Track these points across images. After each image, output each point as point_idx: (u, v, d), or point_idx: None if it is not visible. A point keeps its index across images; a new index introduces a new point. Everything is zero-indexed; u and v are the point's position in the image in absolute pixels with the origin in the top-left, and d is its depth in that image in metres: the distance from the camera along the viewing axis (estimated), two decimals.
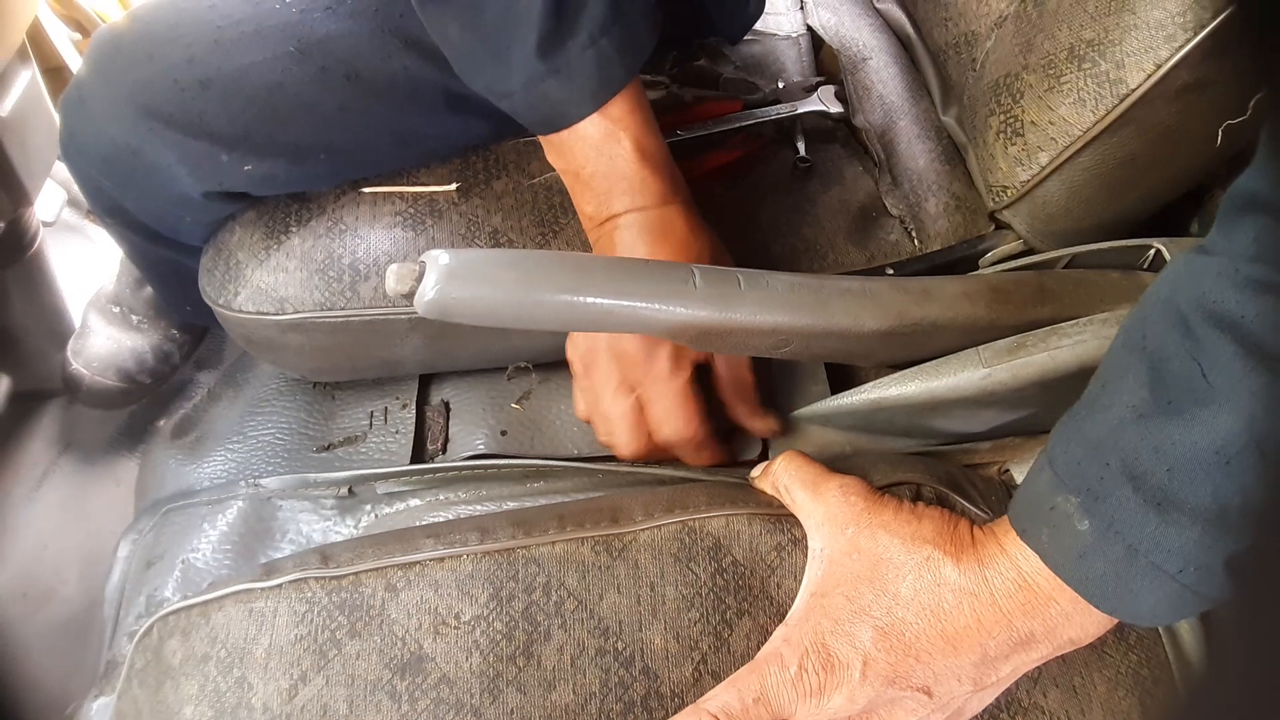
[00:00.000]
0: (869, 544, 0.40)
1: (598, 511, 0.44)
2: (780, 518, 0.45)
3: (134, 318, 0.77)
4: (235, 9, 0.50)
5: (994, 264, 0.55)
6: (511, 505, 0.48)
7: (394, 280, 0.40)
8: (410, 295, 0.40)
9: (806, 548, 0.45)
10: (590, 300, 0.41)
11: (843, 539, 0.41)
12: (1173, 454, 0.33)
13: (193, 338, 0.80)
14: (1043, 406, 0.49)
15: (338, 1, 0.51)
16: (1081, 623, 0.38)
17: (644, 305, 0.41)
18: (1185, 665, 0.48)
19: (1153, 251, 0.50)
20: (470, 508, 0.49)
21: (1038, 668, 0.45)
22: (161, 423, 0.72)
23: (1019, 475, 0.50)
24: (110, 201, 0.56)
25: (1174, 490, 0.33)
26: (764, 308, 0.43)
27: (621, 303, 0.41)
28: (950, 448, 0.51)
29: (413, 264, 0.40)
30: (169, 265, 0.60)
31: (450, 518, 0.49)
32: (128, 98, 0.49)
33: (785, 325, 0.44)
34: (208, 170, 0.51)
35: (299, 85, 0.50)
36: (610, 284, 0.41)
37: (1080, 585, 0.36)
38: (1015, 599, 0.37)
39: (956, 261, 0.57)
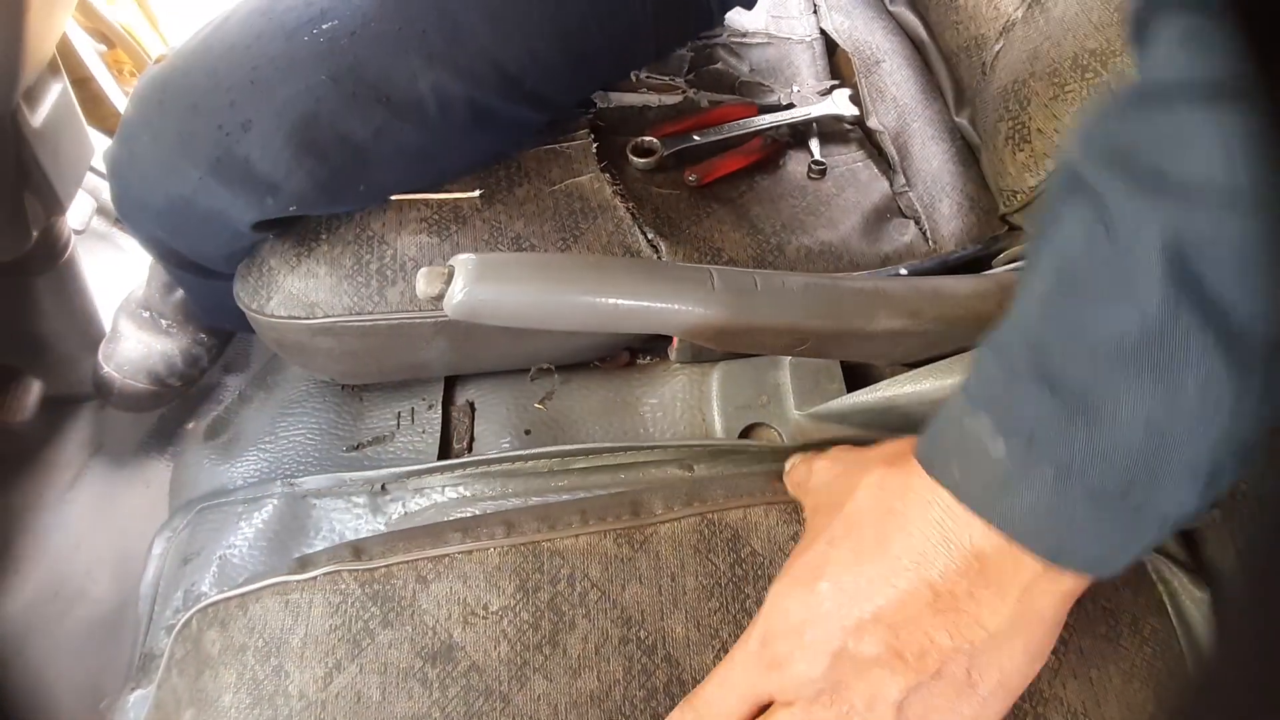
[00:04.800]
0: (827, 500, 0.37)
1: (619, 506, 0.45)
2: (796, 507, 0.46)
3: (163, 322, 0.79)
4: (269, 45, 0.52)
5: (1006, 265, 0.56)
6: (536, 501, 0.50)
7: (424, 283, 0.42)
8: (440, 298, 0.41)
9: None
10: (612, 301, 0.42)
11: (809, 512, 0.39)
12: (1087, 341, 0.26)
13: (220, 341, 0.82)
14: None
15: (362, 25, 0.52)
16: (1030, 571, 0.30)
17: (664, 305, 0.43)
18: (1200, 658, 0.48)
19: None
20: (496, 504, 0.50)
21: (1057, 659, 0.46)
22: (192, 425, 0.74)
23: None
24: (165, 247, 0.58)
25: (1099, 388, 0.26)
26: (779, 308, 0.44)
27: (643, 303, 0.43)
28: None
29: (441, 268, 0.42)
30: (207, 284, 0.63)
31: (477, 513, 0.50)
32: (177, 151, 0.51)
33: (800, 325, 0.45)
34: (255, 207, 0.52)
35: (333, 114, 0.51)
36: (631, 284, 0.43)
37: (1006, 523, 0.29)
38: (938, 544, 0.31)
39: (970, 262, 0.57)
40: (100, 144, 0.86)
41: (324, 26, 0.53)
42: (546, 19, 0.55)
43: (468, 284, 0.42)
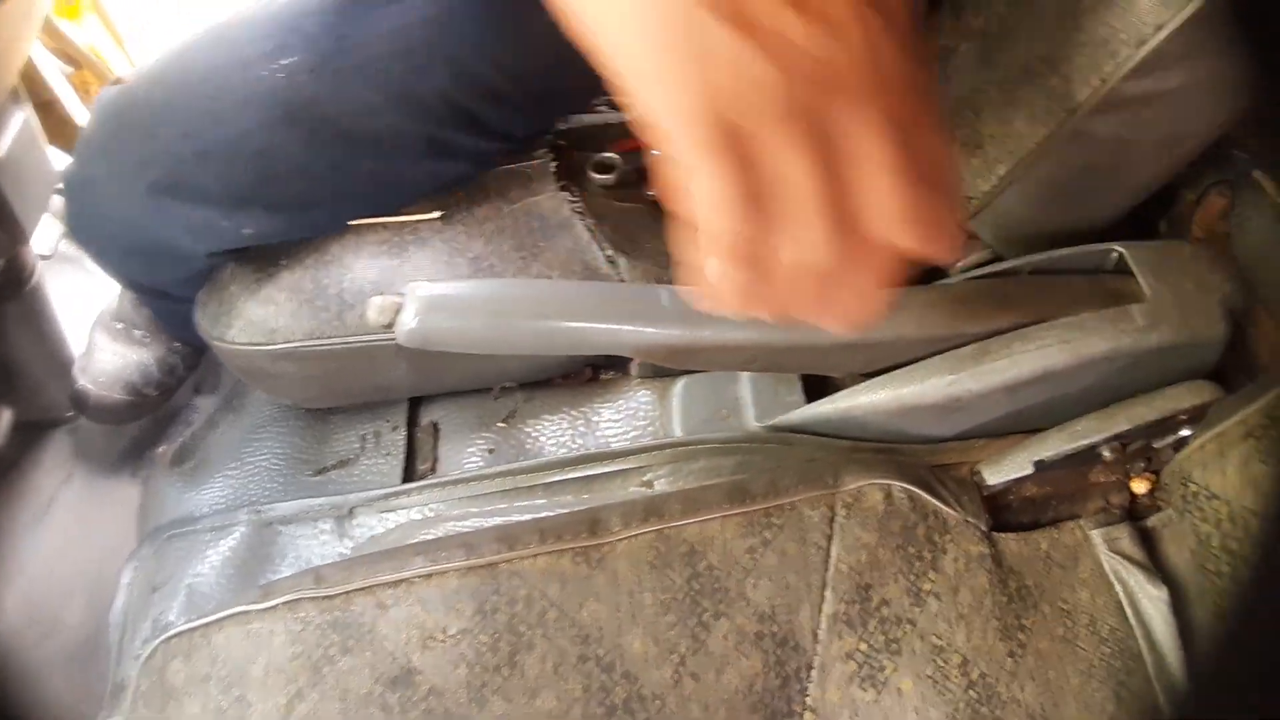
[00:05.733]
0: None
1: (577, 524, 0.46)
2: (753, 520, 0.47)
3: (137, 333, 0.79)
4: (226, 79, 0.52)
5: (963, 272, 0.57)
6: (497, 521, 0.50)
7: (375, 313, 0.42)
8: (391, 326, 0.42)
9: (778, 547, 0.46)
10: (564, 325, 0.43)
11: None
12: None
13: (194, 350, 0.82)
14: (1010, 410, 0.51)
15: (321, 62, 0.52)
16: None
17: (616, 327, 0.43)
18: (1159, 657, 0.49)
19: (1115, 255, 0.51)
20: (459, 524, 0.51)
21: (1015, 661, 0.47)
22: (161, 450, 0.74)
23: (989, 475, 0.52)
24: (118, 268, 0.58)
25: None
26: (732, 325, 0.45)
27: (594, 325, 0.43)
28: (921, 448, 0.53)
29: (394, 297, 0.42)
30: (168, 305, 0.63)
31: (440, 534, 0.50)
32: (132, 176, 0.51)
33: (753, 341, 0.46)
34: (210, 235, 0.53)
35: (290, 148, 0.52)
36: (583, 308, 0.43)
37: None
38: None
39: (927, 271, 0.58)
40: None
41: (283, 61, 0.53)
42: (509, 61, 0.55)
43: (420, 313, 0.42)
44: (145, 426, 0.83)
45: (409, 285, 0.43)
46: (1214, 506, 0.46)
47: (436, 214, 0.57)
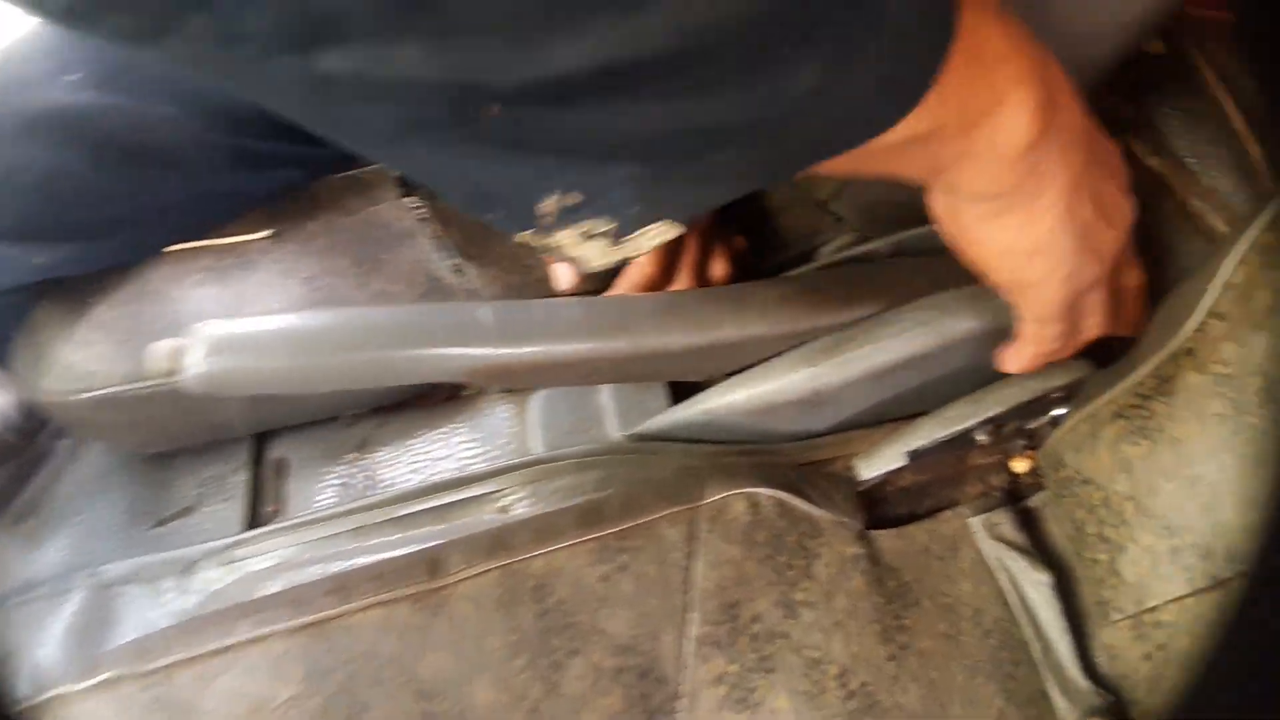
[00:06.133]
0: None
1: (415, 567, 0.42)
2: (607, 545, 0.44)
3: None
4: (5, 102, 0.47)
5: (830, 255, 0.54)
6: (337, 567, 0.46)
7: (155, 360, 0.38)
8: (173, 374, 0.38)
9: (635, 571, 0.44)
10: (374, 356, 0.39)
11: None
12: None
13: None
14: (881, 399, 0.48)
15: (108, 77, 0.48)
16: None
17: (434, 353, 0.40)
18: (1045, 644, 0.47)
19: None
20: (304, 570, 0.47)
21: (896, 665, 0.45)
22: (3, 508, 0.69)
23: (863, 470, 0.49)
24: None
25: None
26: (565, 338, 0.42)
27: (409, 353, 0.40)
28: (793, 445, 0.50)
29: (174, 341, 0.38)
30: None
31: (282, 585, 0.47)
32: None
33: (591, 354, 0.42)
34: (4, 274, 0.48)
35: (77, 169, 0.47)
36: (395, 335, 0.40)
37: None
38: None
39: (797, 257, 0.55)
40: None
41: (66, 79, 0.48)
42: None
43: (209, 356, 0.38)
44: (14, 463, 0.78)
45: (195, 325, 0.39)
46: (1087, 491, 0.44)
47: (265, 233, 0.52)
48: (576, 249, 0.27)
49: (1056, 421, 0.48)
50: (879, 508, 0.51)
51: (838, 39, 0.23)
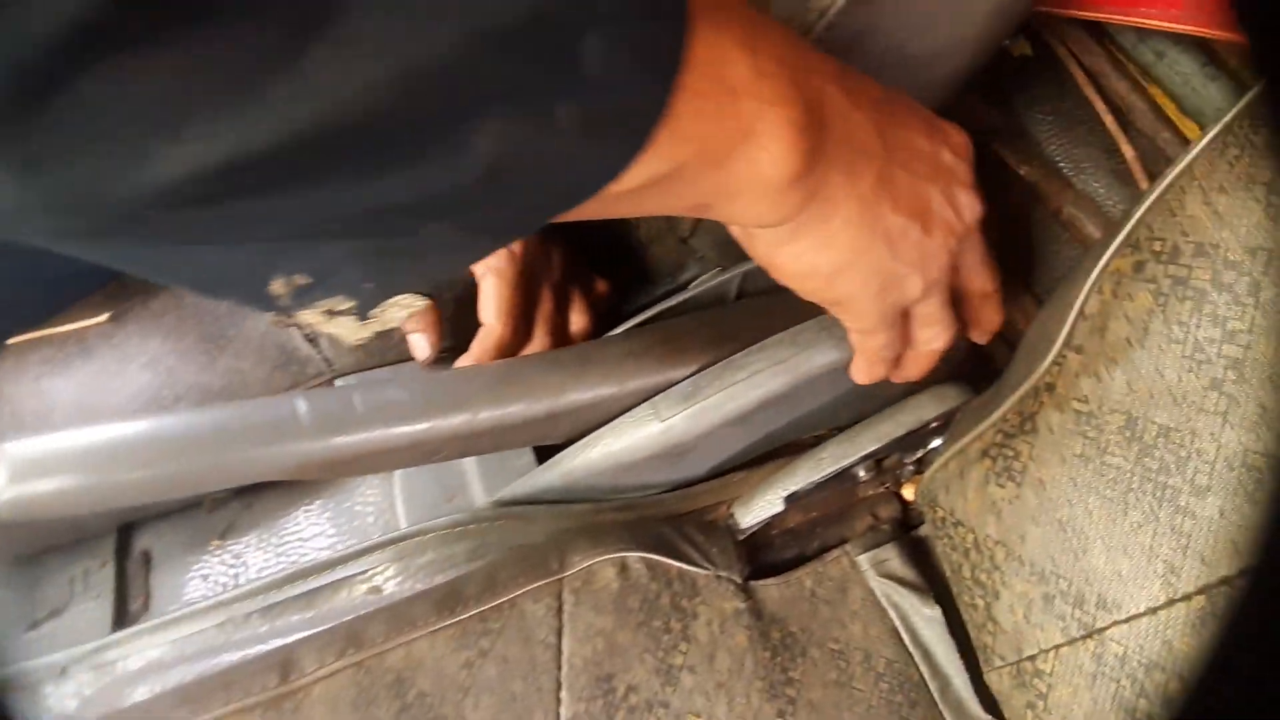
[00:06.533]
0: None
1: (267, 670, 0.41)
2: (467, 629, 0.42)
3: None
4: None
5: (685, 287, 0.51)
6: (204, 665, 0.45)
7: None
8: None
9: (499, 654, 0.42)
10: (187, 465, 0.37)
11: None
12: None
13: None
14: (750, 440, 0.46)
15: None
16: None
17: (247, 455, 0.38)
18: (943, 681, 0.46)
19: None
20: (169, 673, 0.45)
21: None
22: None
23: (742, 518, 0.47)
24: None
25: None
26: (393, 422, 0.39)
27: (220, 459, 0.37)
28: (669, 496, 0.48)
29: None
30: None
31: (146, 692, 0.45)
32: None
33: (426, 435, 0.40)
34: None
35: None
36: (206, 441, 0.37)
37: None
38: None
39: (662, 294, 0.52)
40: None
41: None
42: None
43: (13, 481, 0.36)
44: None
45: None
46: (960, 534, 0.42)
47: (103, 316, 0.50)
48: (327, 326, 0.25)
49: (933, 455, 0.46)
50: (764, 553, 0.49)
51: (515, 104, 0.20)
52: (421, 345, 0.48)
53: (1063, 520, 0.37)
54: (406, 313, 0.26)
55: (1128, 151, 0.40)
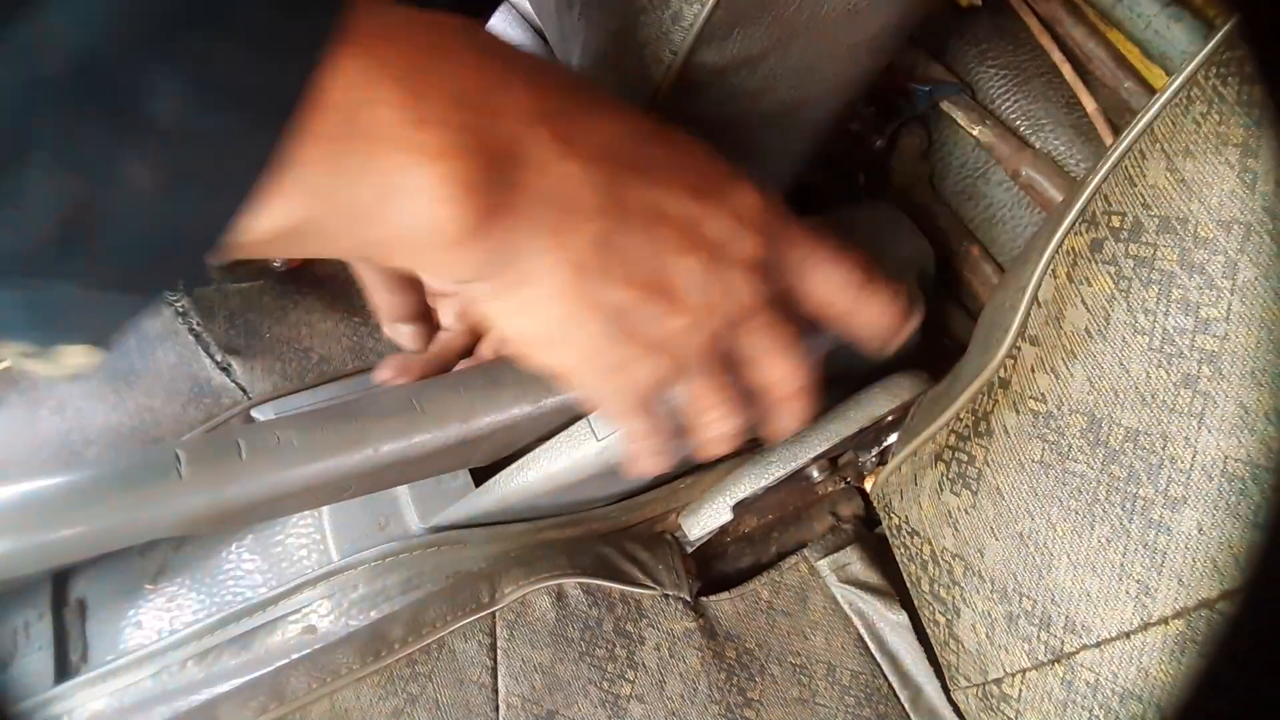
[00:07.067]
0: None
1: None
2: (394, 674, 0.39)
3: None
4: None
5: None
6: (141, 717, 0.43)
7: None
8: None
9: (430, 700, 0.39)
10: (48, 538, 0.34)
11: None
12: None
13: None
14: (688, 447, 0.42)
15: None
16: None
17: (123, 518, 0.35)
18: (914, 690, 0.43)
19: None
20: None
21: None
22: None
23: (690, 529, 0.44)
24: None
25: None
26: (286, 467, 0.36)
27: (91, 527, 0.35)
28: (614, 508, 0.45)
29: None
30: None
31: None
32: None
33: (323, 476, 0.37)
34: None
35: None
36: (76, 510, 0.35)
37: None
38: None
39: None
40: None
41: None
42: None
43: None
44: None
45: None
46: (916, 544, 0.38)
47: (7, 360, 0.47)
48: (31, 365, 0.24)
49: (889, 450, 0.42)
50: (716, 564, 0.45)
51: (68, 161, 0.18)
52: (385, 371, 0.43)
53: (1023, 533, 0.33)
54: (84, 359, 0.24)
55: (1089, 104, 0.35)
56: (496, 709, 0.40)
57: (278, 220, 0.21)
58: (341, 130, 0.21)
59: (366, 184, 0.22)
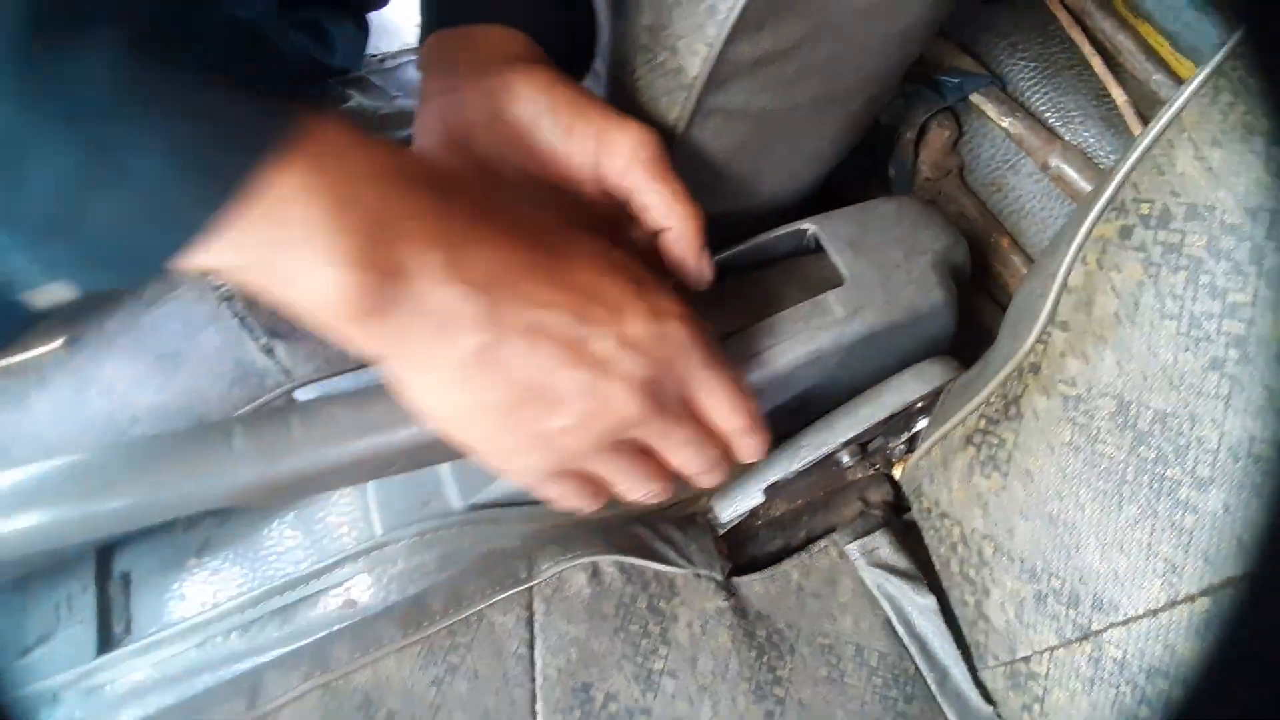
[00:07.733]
0: None
1: (235, 695, 0.40)
2: (435, 645, 0.41)
3: None
4: None
5: None
6: (184, 686, 0.44)
7: None
8: None
9: (469, 669, 0.41)
10: (115, 506, 0.36)
11: None
12: None
13: None
14: None
15: None
16: None
17: (178, 491, 0.36)
18: (940, 672, 0.43)
19: (811, 232, 0.42)
20: (149, 698, 0.45)
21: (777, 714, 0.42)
22: None
23: (721, 512, 0.45)
24: None
25: None
26: (335, 442, 0.38)
27: (153, 499, 0.36)
28: None
29: None
30: None
31: (133, 716, 0.45)
32: None
33: (371, 452, 0.38)
34: None
35: None
36: (134, 478, 0.36)
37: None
38: None
39: None
40: None
41: None
42: None
43: None
44: None
45: None
46: (946, 526, 0.39)
47: (57, 343, 0.48)
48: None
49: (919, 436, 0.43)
50: (748, 547, 0.46)
51: None
52: None
53: (1053, 514, 0.34)
54: (59, 295, 0.28)
55: (1118, 96, 0.36)
56: (533, 680, 0.41)
57: (216, 261, 0.26)
58: (274, 216, 0.26)
59: (283, 262, 0.27)
